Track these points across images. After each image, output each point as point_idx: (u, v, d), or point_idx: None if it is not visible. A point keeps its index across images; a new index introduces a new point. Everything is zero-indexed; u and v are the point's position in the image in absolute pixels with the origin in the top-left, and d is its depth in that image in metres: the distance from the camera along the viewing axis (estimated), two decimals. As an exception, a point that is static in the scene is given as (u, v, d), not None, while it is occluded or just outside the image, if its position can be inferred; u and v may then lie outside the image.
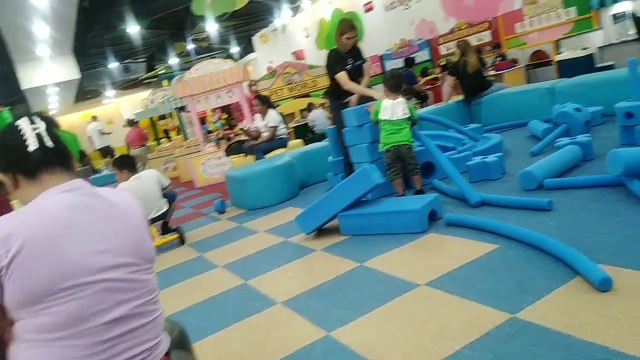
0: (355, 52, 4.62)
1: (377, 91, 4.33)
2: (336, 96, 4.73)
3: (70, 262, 1.15)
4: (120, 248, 1.25)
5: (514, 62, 10.02)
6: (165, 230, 4.82)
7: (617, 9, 8.65)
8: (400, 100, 3.97)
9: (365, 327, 2.20)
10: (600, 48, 8.72)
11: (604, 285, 1.96)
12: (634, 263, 2.12)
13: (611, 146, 3.58)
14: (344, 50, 4.58)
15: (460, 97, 7.06)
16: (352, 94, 4.56)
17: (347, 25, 4.53)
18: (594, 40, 8.89)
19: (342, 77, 4.49)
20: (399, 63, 12.79)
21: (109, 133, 15.66)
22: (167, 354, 1.35)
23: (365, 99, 4.46)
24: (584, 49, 8.86)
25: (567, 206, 3.03)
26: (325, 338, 2.19)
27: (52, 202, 1.22)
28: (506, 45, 10.40)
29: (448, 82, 6.81)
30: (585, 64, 8.40)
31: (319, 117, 9.40)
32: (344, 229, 3.62)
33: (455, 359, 1.79)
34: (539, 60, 9.85)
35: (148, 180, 4.60)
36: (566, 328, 1.79)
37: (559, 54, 9.32)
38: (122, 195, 1.37)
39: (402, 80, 4.16)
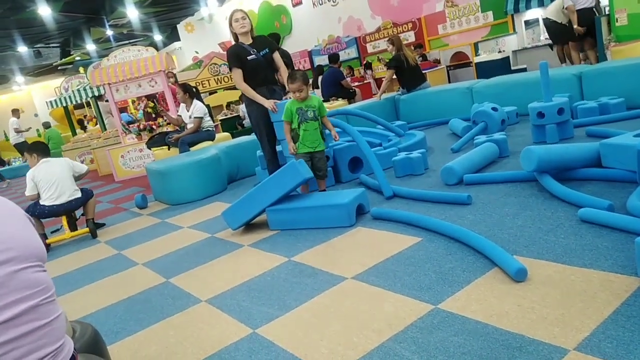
0: (260, 43, 4.42)
1: (264, 99, 4.25)
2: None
3: None
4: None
5: (437, 62, 10.41)
6: (96, 225, 4.82)
7: (529, 15, 9.24)
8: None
9: (292, 322, 2.18)
10: (515, 52, 9.28)
11: (520, 276, 2.06)
12: (546, 254, 2.26)
13: (525, 144, 3.80)
14: (242, 39, 4.40)
15: (392, 94, 7.25)
16: (266, 84, 4.42)
17: (234, 11, 4.43)
18: (509, 44, 9.45)
19: (235, 75, 4.38)
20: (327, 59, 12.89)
21: (27, 130, 14.44)
22: (73, 358, 1.25)
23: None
24: (500, 52, 9.38)
25: (484, 200, 3.17)
26: (251, 335, 2.14)
27: None
28: (429, 46, 10.80)
29: (387, 77, 6.97)
30: (501, 66, 8.91)
31: None
32: (272, 224, 3.57)
33: (381, 352, 1.80)
34: (459, 61, 10.31)
35: (57, 163, 4.59)
36: (485, 318, 1.86)
37: (478, 55, 9.80)
38: None
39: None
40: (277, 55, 4.47)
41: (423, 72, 7.25)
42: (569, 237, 2.37)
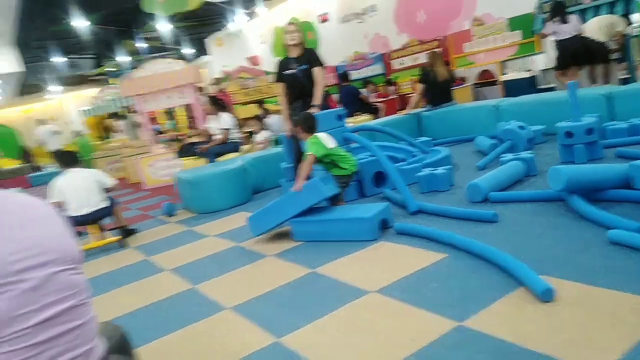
0: (303, 57, 4.62)
1: (287, 122, 4.64)
2: (290, 101, 4.80)
3: None
4: (40, 247, 1.18)
5: (463, 80, 10.38)
6: (124, 233, 4.78)
7: (558, 35, 9.15)
8: None
9: (314, 333, 2.19)
10: (543, 71, 9.19)
11: (547, 296, 2.04)
12: (574, 275, 2.23)
13: (552, 163, 3.76)
14: (291, 52, 4.62)
15: (418, 110, 7.26)
16: (302, 98, 4.61)
17: (287, 23, 4.72)
18: (537, 63, 9.37)
19: (277, 89, 4.75)
20: (355, 74, 12.99)
21: (60, 133, 14.90)
22: (104, 358, 1.29)
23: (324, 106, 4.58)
24: (528, 70, 9.31)
25: (510, 219, 3.14)
26: (274, 344, 2.16)
27: None
28: (455, 64, 10.77)
29: (417, 91, 7.03)
30: (528, 85, 8.83)
31: (275, 123, 9.36)
32: (296, 235, 3.60)
33: (404, 366, 1.80)
34: (485, 79, 10.26)
35: (83, 174, 4.58)
36: (510, 337, 1.85)
37: (504, 74, 9.74)
38: (33, 198, 1.31)
39: (315, 120, 4.02)
40: (316, 70, 4.59)
41: (452, 90, 7.20)
42: (597, 259, 2.34)
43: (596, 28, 6.93)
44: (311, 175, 3.82)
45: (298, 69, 4.55)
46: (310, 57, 4.61)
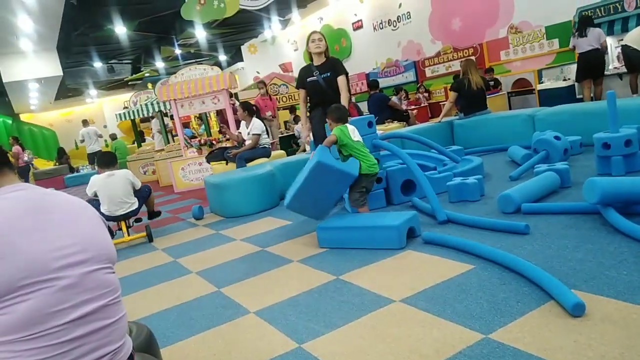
0: (327, 65, 4.69)
1: (305, 128, 4.88)
2: (310, 107, 4.88)
3: (27, 260, 1.11)
4: (77, 246, 1.21)
5: (499, 87, 10.20)
6: (150, 216, 5.19)
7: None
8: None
9: (337, 341, 2.18)
10: (580, 80, 8.93)
11: (577, 311, 1.98)
12: (607, 290, 2.15)
13: (588, 175, 3.64)
14: (314, 60, 4.73)
15: (451, 118, 7.18)
16: (322, 105, 4.66)
17: (312, 32, 4.77)
18: (575, 72, 9.11)
19: (299, 95, 4.94)
20: (387, 81, 12.98)
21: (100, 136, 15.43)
22: (131, 357, 1.31)
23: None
24: (565, 80, 9.07)
25: (543, 231, 3.06)
26: (297, 350, 2.16)
27: (5, 201, 1.19)
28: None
29: (449, 99, 6.97)
30: (565, 95, 8.60)
31: None
32: (322, 242, 3.60)
33: (427, 377, 1.77)
34: (521, 88, 10.06)
35: (119, 177, 4.76)
36: (538, 351, 1.79)
37: (541, 83, 9.53)
38: (73, 197, 1.35)
39: (347, 113, 4.01)
40: (340, 79, 4.66)
41: (486, 98, 7.07)
42: (632, 274, 2.25)
43: (637, 37, 6.70)
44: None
45: (320, 76, 4.61)
46: (333, 66, 4.68)
